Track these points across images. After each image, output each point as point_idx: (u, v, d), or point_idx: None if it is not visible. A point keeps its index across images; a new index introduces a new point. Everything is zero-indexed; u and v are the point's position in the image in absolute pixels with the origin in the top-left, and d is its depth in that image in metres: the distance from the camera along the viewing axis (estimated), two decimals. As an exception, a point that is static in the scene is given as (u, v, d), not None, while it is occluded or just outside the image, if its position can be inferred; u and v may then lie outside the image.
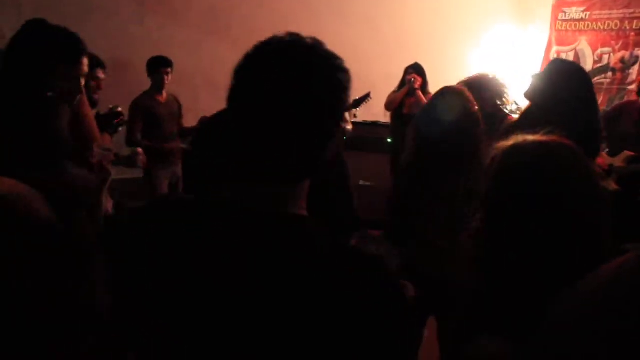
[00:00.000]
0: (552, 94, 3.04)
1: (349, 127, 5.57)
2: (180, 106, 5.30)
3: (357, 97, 5.54)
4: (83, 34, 4.60)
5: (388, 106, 6.12)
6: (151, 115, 5.01)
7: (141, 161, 3.47)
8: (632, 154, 3.85)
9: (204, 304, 1.02)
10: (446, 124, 2.58)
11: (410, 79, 5.89)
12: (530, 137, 1.32)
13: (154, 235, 1.09)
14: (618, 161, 4.07)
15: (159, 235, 1.08)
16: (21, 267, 1.04)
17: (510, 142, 1.34)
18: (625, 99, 7.53)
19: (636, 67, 7.57)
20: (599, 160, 3.99)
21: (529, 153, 1.28)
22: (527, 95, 3.27)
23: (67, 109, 2.57)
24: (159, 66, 5.08)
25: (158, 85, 5.08)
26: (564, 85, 3.05)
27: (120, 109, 3.91)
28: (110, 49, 5.78)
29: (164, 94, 5.16)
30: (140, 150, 3.49)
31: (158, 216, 1.12)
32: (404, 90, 5.96)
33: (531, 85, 3.25)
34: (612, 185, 3.93)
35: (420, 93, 5.84)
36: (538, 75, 3.20)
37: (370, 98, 5.51)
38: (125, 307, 1.13)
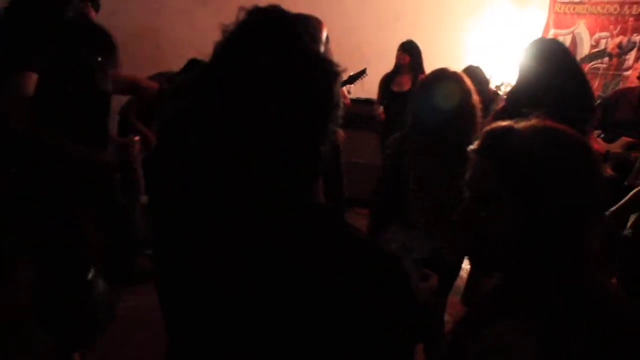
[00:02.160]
0: (535, 71, 3.03)
1: (347, 101, 5.53)
2: None
3: (353, 73, 5.48)
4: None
5: (375, 109, 6.08)
6: None
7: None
8: (630, 140, 3.83)
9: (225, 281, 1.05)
10: (446, 109, 2.56)
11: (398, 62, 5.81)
12: (525, 123, 1.27)
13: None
14: (615, 147, 4.04)
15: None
16: None
17: (503, 125, 1.28)
18: (621, 85, 7.50)
19: (633, 53, 7.53)
20: (595, 146, 3.98)
21: (531, 139, 1.23)
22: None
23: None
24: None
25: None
26: (547, 64, 3.05)
27: None
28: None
29: None
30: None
31: None
32: (389, 73, 5.91)
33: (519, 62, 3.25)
34: (608, 171, 3.94)
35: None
36: (522, 53, 3.19)
37: (366, 74, 5.46)
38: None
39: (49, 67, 2.47)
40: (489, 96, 4.61)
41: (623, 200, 3.05)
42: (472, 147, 1.30)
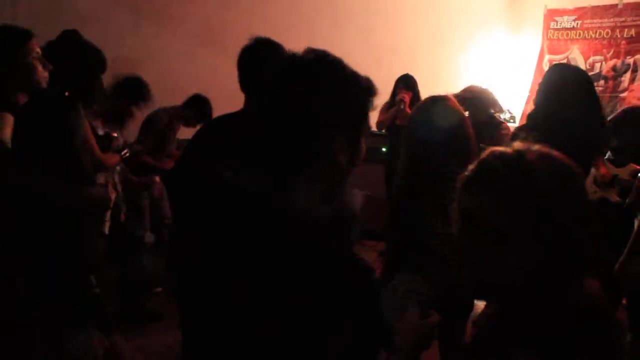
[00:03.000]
0: (551, 99, 3.08)
1: None
2: None
3: None
4: (79, 44, 4.60)
5: (379, 126, 6.15)
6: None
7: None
8: (637, 168, 3.77)
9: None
10: (440, 130, 2.60)
11: (401, 98, 5.89)
12: (516, 147, 1.24)
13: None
14: (624, 173, 3.98)
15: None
16: None
17: (495, 151, 1.25)
18: (618, 106, 7.60)
19: (628, 75, 7.64)
20: (603, 170, 3.99)
21: (516, 163, 1.20)
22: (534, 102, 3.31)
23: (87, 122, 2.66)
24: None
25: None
26: (563, 91, 3.10)
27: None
28: (106, 57, 5.82)
29: None
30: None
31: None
32: (393, 112, 5.98)
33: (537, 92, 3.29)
34: (614, 197, 3.95)
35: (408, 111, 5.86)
36: (541, 81, 3.23)
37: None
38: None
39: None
40: (492, 117, 4.63)
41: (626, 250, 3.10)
42: (469, 176, 1.25)
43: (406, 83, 6.01)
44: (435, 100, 2.82)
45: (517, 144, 1.24)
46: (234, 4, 6.86)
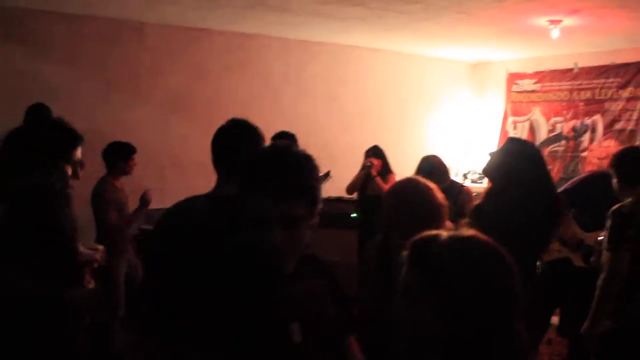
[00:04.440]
0: (509, 173, 3.19)
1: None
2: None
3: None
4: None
5: (349, 191, 6.21)
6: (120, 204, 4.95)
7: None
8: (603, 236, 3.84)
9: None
10: (414, 216, 2.59)
11: (367, 164, 5.99)
12: (447, 233, 1.37)
13: None
14: (590, 239, 4.06)
15: None
16: None
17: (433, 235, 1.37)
18: (580, 166, 7.84)
19: (587, 135, 7.90)
20: (569, 233, 4.08)
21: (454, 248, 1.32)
22: (485, 172, 3.41)
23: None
24: (131, 153, 5.00)
25: (125, 171, 5.01)
26: (519, 166, 3.21)
27: None
28: (77, 129, 5.84)
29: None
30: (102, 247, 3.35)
31: None
32: (361, 175, 6.08)
33: (488, 163, 3.39)
34: (578, 261, 4.04)
35: (379, 179, 5.94)
36: (495, 153, 3.34)
37: (331, 177, 5.59)
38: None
39: None
40: (447, 185, 4.73)
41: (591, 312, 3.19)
42: (404, 253, 1.37)
43: (375, 152, 6.14)
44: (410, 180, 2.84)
45: (450, 229, 1.41)
46: (203, 74, 7.00)
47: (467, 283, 1.27)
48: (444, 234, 1.35)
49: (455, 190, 4.71)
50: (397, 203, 2.66)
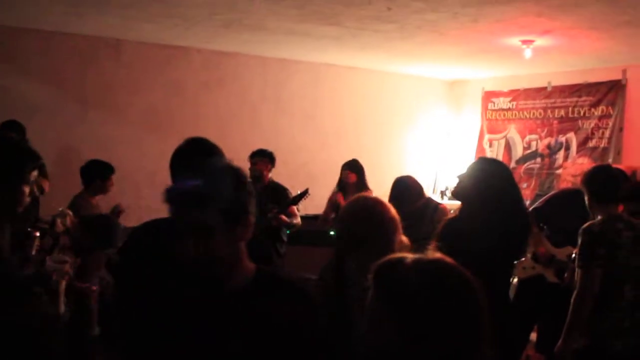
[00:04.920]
0: (478, 193, 3.22)
1: (297, 220, 5.63)
2: None
3: (296, 194, 5.61)
4: (28, 131, 4.66)
5: (321, 223, 6.13)
6: None
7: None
8: (574, 251, 3.88)
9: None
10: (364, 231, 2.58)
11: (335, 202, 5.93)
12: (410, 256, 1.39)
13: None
14: (562, 254, 4.11)
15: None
16: None
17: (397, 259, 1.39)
18: (555, 183, 7.94)
19: (562, 153, 8.02)
20: (541, 249, 4.13)
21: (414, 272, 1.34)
22: (455, 195, 3.43)
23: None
24: (110, 173, 4.98)
25: (103, 190, 5.00)
26: (495, 185, 3.24)
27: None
28: (54, 146, 5.81)
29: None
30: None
31: None
32: (330, 204, 6.02)
33: (457, 185, 3.42)
34: (552, 277, 4.09)
35: (339, 196, 5.90)
36: (463, 175, 3.36)
37: (309, 194, 5.60)
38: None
39: None
40: (421, 204, 4.75)
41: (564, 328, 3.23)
42: (369, 276, 1.40)
43: (351, 166, 6.14)
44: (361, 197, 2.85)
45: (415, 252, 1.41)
46: (180, 91, 7.00)
47: (432, 307, 1.29)
48: (409, 257, 1.37)
49: (431, 208, 4.74)
50: (346, 220, 2.68)
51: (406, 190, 4.72)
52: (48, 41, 6.19)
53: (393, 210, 2.59)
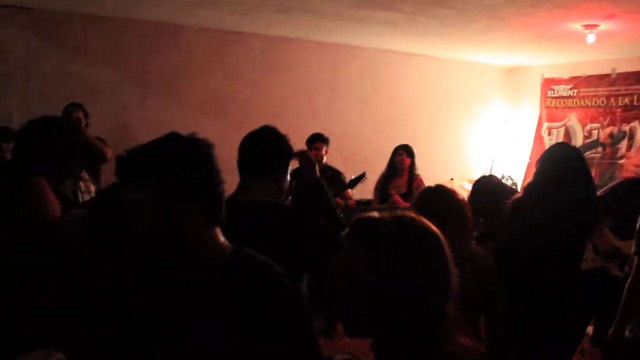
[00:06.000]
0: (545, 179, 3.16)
1: (351, 203, 5.65)
2: None
3: (353, 177, 5.62)
4: (90, 114, 4.80)
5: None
6: None
7: None
8: None
9: None
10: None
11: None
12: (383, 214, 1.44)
13: None
14: (626, 247, 3.96)
15: None
16: None
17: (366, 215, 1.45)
18: (617, 172, 7.70)
19: (624, 142, 7.77)
20: (604, 240, 3.99)
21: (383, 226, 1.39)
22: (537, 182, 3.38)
23: None
24: None
25: None
26: (562, 168, 3.18)
27: None
28: (114, 130, 5.98)
29: None
30: None
31: None
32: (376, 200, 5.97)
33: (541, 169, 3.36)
34: (615, 270, 3.95)
35: (398, 199, 5.83)
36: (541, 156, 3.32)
37: (366, 178, 5.61)
38: None
39: None
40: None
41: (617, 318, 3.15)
42: (344, 233, 1.46)
43: (407, 150, 6.12)
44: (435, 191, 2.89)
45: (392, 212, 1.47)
46: (238, 76, 7.10)
47: (404, 257, 1.34)
48: (386, 213, 1.44)
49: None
50: (425, 203, 2.71)
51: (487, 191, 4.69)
52: (111, 27, 6.35)
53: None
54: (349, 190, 5.73)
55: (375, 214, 1.44)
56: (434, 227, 1.43)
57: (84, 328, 1.61)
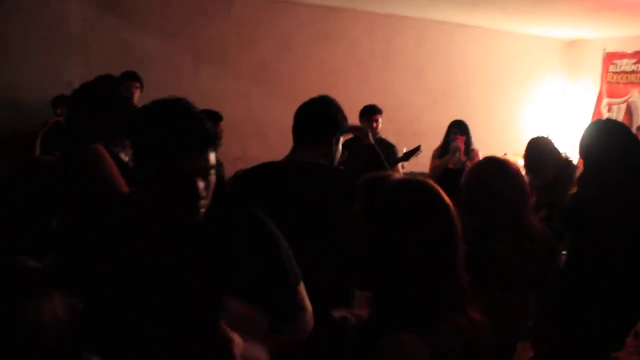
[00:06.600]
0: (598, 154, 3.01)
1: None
2: None
3: (407, 150, 5.52)
4: (145, 82, 4.84)
5: (433, 171, 6.03)
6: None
7: None
8: None
9: None
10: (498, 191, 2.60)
11: (456, 148, 5.77)
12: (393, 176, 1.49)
13: None
14: None
15: None
16: None
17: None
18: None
19: (690, 120, 7.44)
20: None
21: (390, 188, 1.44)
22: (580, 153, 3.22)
23: None
24: (218, 120, 5.05)
25: None
26: (610, 145, 3.01)
27: None
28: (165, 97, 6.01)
29: None
30: None
31: None
32: (447, 159, 5.88)
33: (581, 142, 3.19)
34: None
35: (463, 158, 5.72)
36: (585, 133, 3.14)
37: (421, 151, 5.49)
38: None
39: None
40: (559, 165, 4.56)
41: None
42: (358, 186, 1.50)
43: (459, 128, 5.97)
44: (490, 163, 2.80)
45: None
46: (288, 46, 7.05)
47: (410, 223, 1.38)
48: (396, 174, 1.51)
49: (565, 175, 4.54)
50: (476, 184, 2.66)
51: (541, 153, 4.58)
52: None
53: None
54: (400, 164, 5.64)
55: (385, 174, 1.48)
56: (444, 196, 1.44)
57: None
